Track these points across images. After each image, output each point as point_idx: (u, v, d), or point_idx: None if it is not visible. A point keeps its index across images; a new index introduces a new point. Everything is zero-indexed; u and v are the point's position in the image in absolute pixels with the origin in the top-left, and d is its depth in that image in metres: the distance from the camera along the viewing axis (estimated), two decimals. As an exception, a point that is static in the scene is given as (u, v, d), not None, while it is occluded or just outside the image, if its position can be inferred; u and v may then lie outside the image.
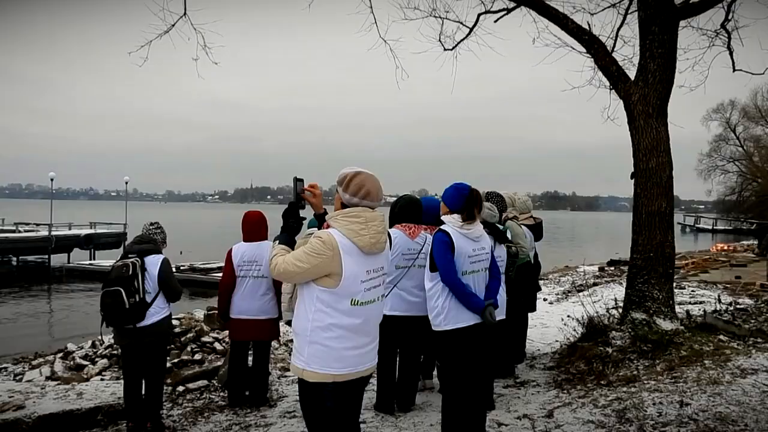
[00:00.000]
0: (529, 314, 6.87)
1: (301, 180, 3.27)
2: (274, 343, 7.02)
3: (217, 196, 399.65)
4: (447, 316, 3.91)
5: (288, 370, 6.83)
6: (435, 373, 5.88)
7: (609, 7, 8.58)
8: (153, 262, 4.93)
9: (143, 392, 5.05)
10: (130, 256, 4.94)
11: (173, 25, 8.30)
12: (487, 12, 8.59)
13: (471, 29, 8.84)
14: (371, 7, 8.92)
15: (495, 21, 8.63)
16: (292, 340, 7.77)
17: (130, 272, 4.81)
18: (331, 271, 2.90)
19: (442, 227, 3.99)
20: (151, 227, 5.26)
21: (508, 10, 8.38)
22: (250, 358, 5.80)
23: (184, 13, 8.31)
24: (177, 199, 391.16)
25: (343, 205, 3.04)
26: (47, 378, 6.99)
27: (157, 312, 4.90)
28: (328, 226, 3.01)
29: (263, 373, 5.70)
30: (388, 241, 3.16)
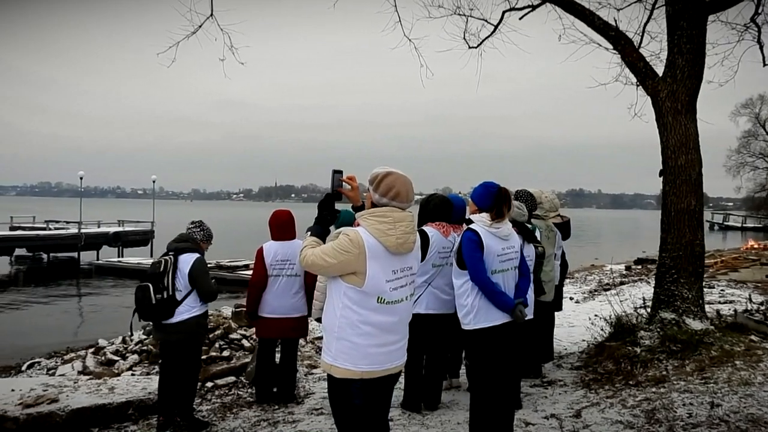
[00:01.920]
0: (556, 313, 6.83)
1: (340, 172, 3.26)
2: (300, 341, 7.08)
3: (241, 195, 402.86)
4: (477, 314, 3.91)
5: (315, 367, 6.88)
6: (462, 371, 5.88)
7: (635, 2, 8.48)
8: (186, 261, 4.97)
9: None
10: (169, 253, 5.02)
11: (200, 26, 8.38)
12: (511, 9, 8.54)
13: (496, 27, 8.80)
14: (395, 6, 8.93)
15: (520, 18, 8.57)
16: (318, 338, 7.87)
17: (161, 269, 4.90)
18: (356, 270, 2.93)
19: (471, 226, 3.99)
20: (191, 226, 5.28)
21: (533, 7, 8.32)
22: (278, 355, 5.86)
23: (211, 14, 8.39)
24: (202, 197, 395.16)
25: (374, 205, 3.06)
26: (79, 372, 7.15)
27: (187, 310, 4.92)
28: (358, 224, 3.04)
29: (291, 370, 5.75)
30: (417, 241, 3.17)
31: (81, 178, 35.61)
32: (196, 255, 5.04)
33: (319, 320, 5.27)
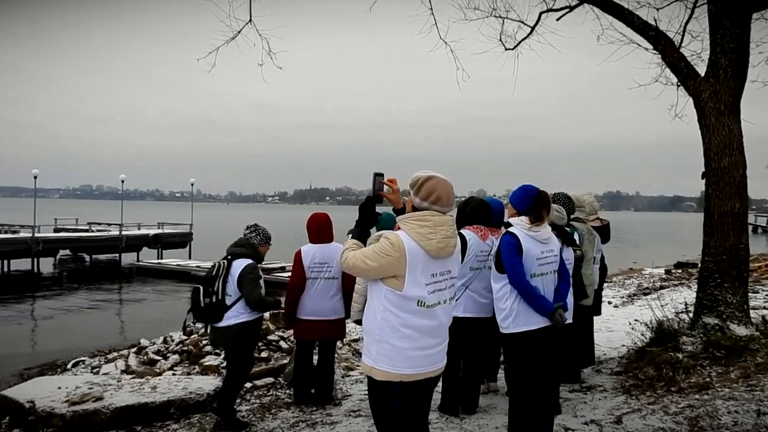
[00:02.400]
0: (594, 317, 6.74)
1: (381, 174, 3.27)
2: (338, 343, 7.13)
3: (277, 197, 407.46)
4: (516, 318, 3.90)
5: (352, 369, 6.92)
6: (499, 375, 5.85)
7: (675, 1, 8.32)
8: (237, 266, 5.00)
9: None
10: (226, 257, 5.09)
11: (239, 32, 8.53)
12: (549, 10, 8.47)
13: (533, 28, 8.74)
14: (431, 9, 8.95)
15: (557, 19, 8.50)
16: (355, 340, 7.91)
17: (213, 273, 4.99)
18: (396, 273, 2.94)
19: (510, 229, 3.98)
20: (247, 231, 5.29)
21: (571, 8, 8.24)
22: (315, 357, 5.91)
23: (250, 20, 8.53)
24: (238, 200, 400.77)
25: (415, 208, 3.07)
26: (122, 371, 7.33)
27: (234, 316, 4.97)
28: (399, 228, 3.05)
29: (329, 371, 5.79)
30: (458, 245, 3.17)
31: (122, 182, 36.52)
32: (248, 261, 5.04)
33: (357, 322, 5.30)
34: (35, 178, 31.07)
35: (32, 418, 5.50)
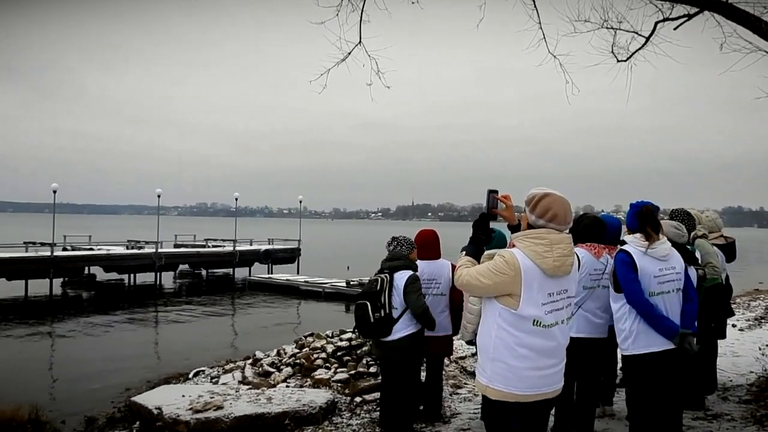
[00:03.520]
0: (719, 341, 6.34)
1: (495, 191, 3.26)
2: (445, 360, 7.11)
3: (380, 213, 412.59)
4: (636, 339, 3.76)
5: (460, 387, 6.88)
6: (615, 398, 5.63)
7: (808, 3, 7.74)
8: (400, 278, 5.06)
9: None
10: (384, 271, 5.15)
11: (349, 53, 8.77)
12: (665, 20, 8.13)
13: (647, 39, 8.42)
14: (539, 24, 8.82)
15: (675, 29, 8.14)
16: (462, 357, 7.85)
17: (377, 287, 5.04)
18: (511, 292, 2.91)
19: (623, 247, 3.87)
20: (390, 246, 5.32)
21: (690, 16, 7.86)
22: (423, 374, 5.92)
23: (360, 42, 8.76)
24: (342, 216, 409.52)
25: (530, 226, 3.04)
26: (239, 382, 7.66)
27: (403, 328, 5.01)
28: (514, 246, 3.03)
29: (437, 388, 5.78)
30: (575, 263, 3.10)
31: (236, 199, 38.37)
32: (410, 272, 5.09)
33: (469, 342, 5.22)
34: (159, 197, 33.21)
35: (159, 424, 5.88)
